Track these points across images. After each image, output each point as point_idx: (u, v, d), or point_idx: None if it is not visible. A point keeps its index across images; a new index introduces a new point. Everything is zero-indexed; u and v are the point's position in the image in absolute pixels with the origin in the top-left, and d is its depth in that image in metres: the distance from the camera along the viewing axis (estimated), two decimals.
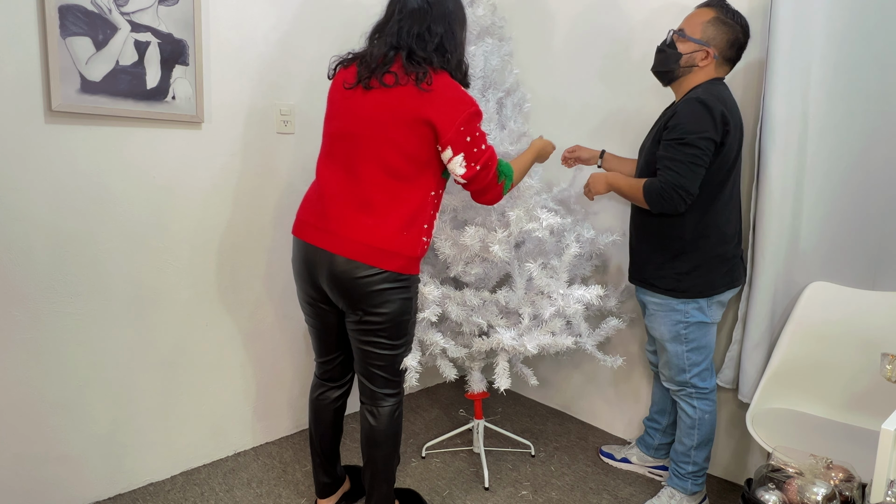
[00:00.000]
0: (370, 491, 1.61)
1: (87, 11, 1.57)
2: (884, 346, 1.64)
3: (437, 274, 2.01)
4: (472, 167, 1.44)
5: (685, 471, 1.79)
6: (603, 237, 1.98)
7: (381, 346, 1.51)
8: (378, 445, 1.57)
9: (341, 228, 1.43)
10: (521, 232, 1.68)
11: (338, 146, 1.48)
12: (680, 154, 1.54)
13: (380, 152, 1.41)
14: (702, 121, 1.52)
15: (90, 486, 1.78)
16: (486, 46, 1.97)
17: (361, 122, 1.43)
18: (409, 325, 1.55)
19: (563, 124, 2.39)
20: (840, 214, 1.72)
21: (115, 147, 1.70)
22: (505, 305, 1.84)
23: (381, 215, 1.42)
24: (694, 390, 1.74)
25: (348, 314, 1.51)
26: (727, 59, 1.63)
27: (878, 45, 1.62)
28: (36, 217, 1.58)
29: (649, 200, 1.60)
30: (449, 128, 1.39)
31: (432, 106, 1.38)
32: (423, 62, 1.41)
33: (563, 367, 2.55)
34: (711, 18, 1.59)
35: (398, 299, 1.47)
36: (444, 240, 1.69)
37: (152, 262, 1.82)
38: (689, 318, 1.69)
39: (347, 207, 1.44)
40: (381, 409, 1.57)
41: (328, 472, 1.75)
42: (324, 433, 1.71)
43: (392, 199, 1.43)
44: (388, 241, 1.42)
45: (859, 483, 1.34)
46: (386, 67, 1.41)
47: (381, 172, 1.42)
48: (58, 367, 1.67)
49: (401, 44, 1.42)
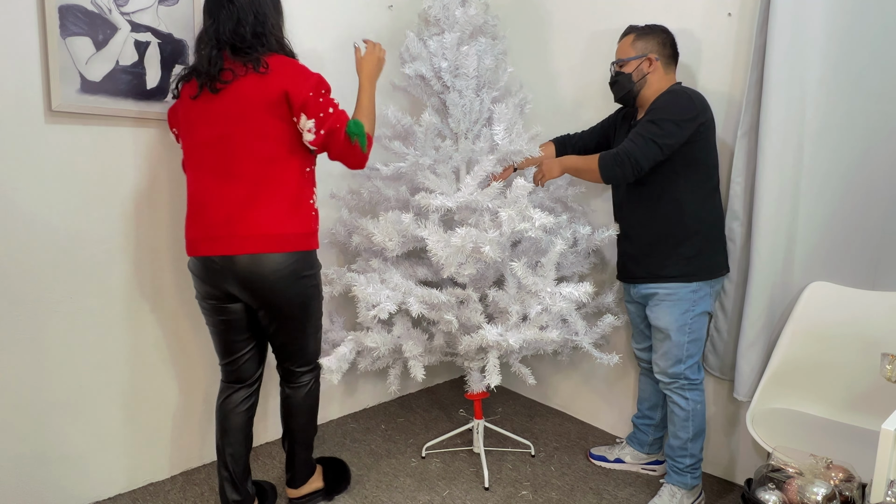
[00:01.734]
0: (290, 457, 1.76)
1: (87, 11, 1.57)
2: (884, 346, 1.64)
3: (433, 275, 2.02)
4: (319, 133, 1.50)
5: (683, 465, 1.81)
6: (599, 233, 1.98)
7: (294, 329, 1.62)
8: (294, 416, 1.72)
9: (233, 229, 1.47)
10: (514, 232, 1.68)
11: (207, 153, 1.50)
12: (644, 129, 1.66)
13: (252, 145, 1.47)
14: (676, 105, 1.64)
15: (90, 486, 1.78)
16: (479, 46, 1.97)
17: (225, 122, 1.48)
18: (318, 306, 1.67)
19: (557, 121, 2.39)
20: (840, 214, 1.72)
21: (116, 147, 1.70)
22: (496, 304, 1.84)
23: (267, 204, 1.48)
24: (686, 382, 1.78)
25: (260, 308, 1.56)
26: (669, 58, 1.77)
27: (878, 45, 1.62)
28: (36, 216, 1.58)
29: (602, 166, 1.72)
30: (300, 92, 1.46)
31: (280, 80, 1.46)
32: (249, 50, 1.48)
33: (562, 366, 2.55)
34: (633, 38, 1.78)
35: (305, 285, 1.58)
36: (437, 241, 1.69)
37: (152, 262, 1.82)
38: (695, 308, 1.74)
39: (233, 207, 1.47)
40: (298, 385, 1.71)
41: (237, 488, 1.65)
42: (233, 442, 1.64)
43: (273, 186, 1.49)
44: (282, 224, 1.50)
45: (859, 483, 1.34)
46: (218, 67, 1.47)
47: (256, 164, 1.48)
48: (58, 367, 1.67)
49: (221, 43, 1.49)
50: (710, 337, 1.92)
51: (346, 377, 2.42)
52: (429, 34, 2.02)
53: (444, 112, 2.05)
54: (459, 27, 1.98)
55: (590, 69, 2.28)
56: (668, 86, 1.74)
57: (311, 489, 1.81)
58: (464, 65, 1.93)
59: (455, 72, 1.96)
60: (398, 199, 2.06)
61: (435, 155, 1.91)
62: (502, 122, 1.82)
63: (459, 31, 1.97)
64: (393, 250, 1.81)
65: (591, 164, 1.74)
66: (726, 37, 1.86)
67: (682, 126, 1.63)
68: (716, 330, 1.91)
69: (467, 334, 1.78)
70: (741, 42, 1.83)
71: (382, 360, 2.09)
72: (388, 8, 2.35)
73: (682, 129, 1.63)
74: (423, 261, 2.06)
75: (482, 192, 1.74)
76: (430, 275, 2.02)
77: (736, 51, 1.84)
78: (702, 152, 1.68)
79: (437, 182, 1.79)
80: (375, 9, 2.31)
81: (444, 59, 1.95)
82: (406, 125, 1.98)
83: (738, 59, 1.84)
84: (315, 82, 1.49)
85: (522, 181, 1.71)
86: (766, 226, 1.72)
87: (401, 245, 1.83)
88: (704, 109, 1.66)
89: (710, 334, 1.92)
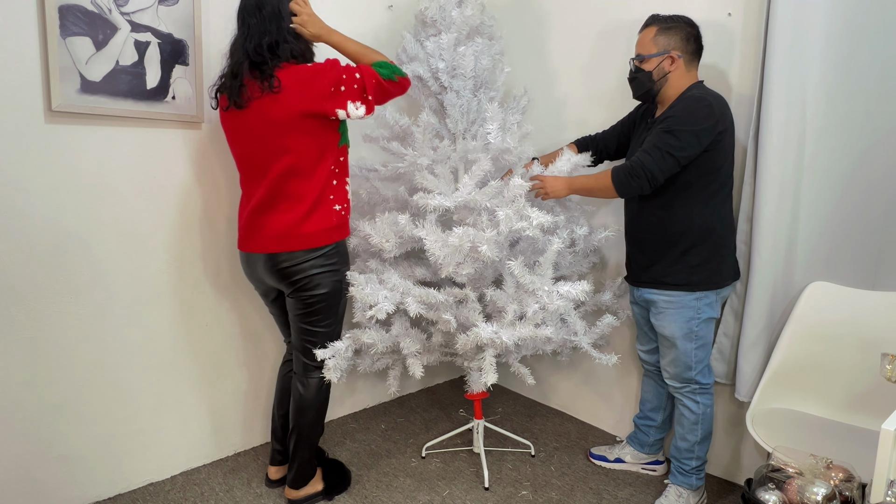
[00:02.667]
0: (293, 455, 1.79)
1: (87, 11, 1.57)
2: (884, 346, 1.64)
3: (432, 275, 2.01)
4: (366, 100, 1.58)
5: (689, 466, 1.81)
6: (597, 233, 1.98)
7: (313, 322, 1.70)
8: (304, 413, 1.76)
9: (263, 230, 1.62)
10: (512, 231, 1.68)
11: (244, 165, 1.65)
12: (660, 141, 1.61)
13: (273, 162, 1.57)
14: (695, 114, 1.58)
15: (90, 486, 1.78)
16: (476, 46, 1.97)
17: (250, 139, 1.58)
18: (341, 304, 1.74)
19: (554, 121, 2.39)
20: (840, 214, 1.72)
21: (115, 147, 1.70)
22: (494, 304, 1.84)
23: (291, 209, 1.60)
24: (697, 386, 1.77)
25: (288, 296, 1.70)
26: (691, 54, 1.69)
27: (878, 45, 1.62)
28: (36, 217, 1.58)
29: (617, 182, 1.68)
30: (324, 101, 1.53)
31: (294, 99, 1.51)
32: (264, 66, 1.52)
33: (562, 366, 2.55)
34: (656, 32, 1.69)
35: (328, 281, 1.66)
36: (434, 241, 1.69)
37: (152, 262, 1.82)
38: (700, 315, 1.72)
39: (265, 212, 1.62)
40: (311, 381, 1.76)
41: (282, 440, 1.90)
42: (285, 402, 1.88)
43: (298, 192, 1.60)
44: (300, 225, 1.60)
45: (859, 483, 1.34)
46: (238, 83, 1.54)
47: (283, 176, 1.58)
48: (58, 367, 1.67)
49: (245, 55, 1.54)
50: (718, 343, 1.90)
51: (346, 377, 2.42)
52: (426, 35, 2.02)
53: (441, 112, 2.05)
54: (456, 28, 1.97)
55: (589, 69, 2.28)
56: (690, 84, 1.68)
57: (311, 491, 1.82)
58: (461, 65, 1.93)
59: (452, 72, 1.96)
60: (397, 200, 2.06)
61: (433, 155, 1.91)
62: (496, 121, 1.82)
63: (456, 31, 1.97)
64: (390, 251, 1.81)
65: (604, 181, 1.71)
66: (726, 37, 1.86)
67: (701, 136, 1.57)
68: (724, 335, 1.89)
69: (463, 333, 1.79)
70: (741, 42, 1.83)
71: (382, 361, 2.09)
72: (388, 8, 2.35)
73: (700, 140, 1.58)
74: (421, 261, 2.06)
75: (480, 191, 1.74)
76: (428, 275, 2.02)
77: (736, 51, 1.84)
78: (719, 159, 1.63)
79: (436, 182, 1.79)
80: (375, 8, 2.31)
81: (441, 60, 1.95)
82: (404, 126, 1.98)
83: (739, 59, 1.84)
84: (329, 80, 1.53)
85: (519, 180, 1.71)
86: (766, 226, 1.71)
87: (398, 246, 1.83)
88: (724, 115, 1.60)
89: (717, 340, 1.91)
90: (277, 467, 1.92)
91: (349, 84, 1.55)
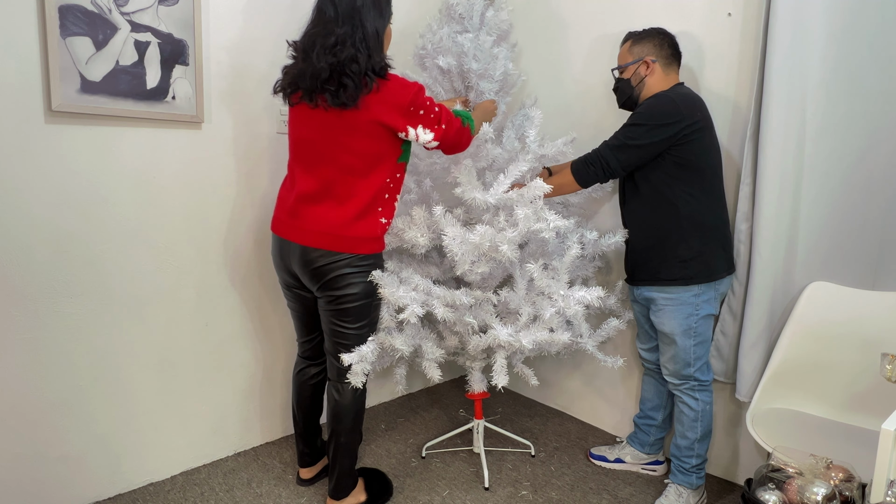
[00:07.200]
0: (332, 463, 1.76)
1: (87, 11, 1.57)
2: (884, 346, 1.64)
3: (442, 274, 2.00)
4: (438, 129, 1.58)
5: (690, 465, 1.81)
6: (605, 239, 1.97)
7: (346, 325, 1.66)
8: (341, 420, 1.72)
9: (306, 222, 1.60)
10: (529, 232, 1.68)
11: (300, 149, 1.62)
12: (619, 132, 1.70)
13: (334, 155, 1.55)
14: (653, 109, 1.65)
15: (90, 486, 1.78)
16: (505, 50, 1.96)
17: (315, 130, 1.56)
18: (373, 307, 1.69)
19: (561, 124, 2.39)
20: (840, 214, 1.72)
21: (116, 147, 1.70)
22: (505, 305, 1.83)
23: (337, 207, 1.58)
24: (696, 383, 1.79)
25: (319, 296, 1.67)
26: (667, 58, 1.77)
27: (877, 45, 1.62)
28: (36, 217, 1.58)
29: (575, 171, 1.76)
30: (399, 118, 1.52)
31: (374, 108, 1.50)
32: (350, 77, 1.46)
33: (563, 367, 2.55)
34: (630, 44, 1.80)
35: (361, 283, 1.62)
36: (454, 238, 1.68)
37: (152, 262, 1.82)
38: (699, 312, 1.74)
39: (311, 202, 1.60)
40: (346, 386, 1.70)
41: (307, 442, 1.91)
42: (303, 406, 1.88)
43: (348, 192, 1.58)
44: (345, 227, 1.57)
45: (859, 483, 1.34)
46: (317, 85, 1.48)
47: (337, 171, 1.56)
48: (58, 367, 1.67)
49: (324, 62, 1.46)
50: (716, 341, 1.91)
51: None
52: (450, 30, 1.97)
53: None
54: (487, 30, 1.95)
55: (592, 72, 2.28)
56: (668, 87, 1.74)
57: (354, 502, 1.79)
58: (492, 67, 1.92)
59: (483, 74, 1.94)
60: (420, 194, 2.04)
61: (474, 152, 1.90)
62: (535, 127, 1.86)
63: (492, 33, 1.96)
64: (423, 246, 1.79)
65: (567, 175, 1.78)
66: (727, 37, 1.86)
67: (654, 130, 1.63)
68: (722, 333, 1.90)
69: (476, 334, 1.78)
70: (741, 42, 1.83)
71: (385, 360, 2.08)
72: None
73: (652, 133, 1.63)
74: (430, 259, 2.04)
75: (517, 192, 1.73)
76: (439, 274, 2.00)
77: (736, 51, 1.85)
78: (694, 154, 1.66)
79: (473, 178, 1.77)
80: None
81: (475, 60, 1.92)
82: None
83: (739, 59, 1.84)
84: (409, 100, 1.51)
85: (539, 181, 1.70)
86: (766, 226, 1.72)
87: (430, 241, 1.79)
88: (692, 112, 1.64)
89: (715, 338, 1.91)
90: (308, 468, 1.93)
91: (428, 109, 1.55)
